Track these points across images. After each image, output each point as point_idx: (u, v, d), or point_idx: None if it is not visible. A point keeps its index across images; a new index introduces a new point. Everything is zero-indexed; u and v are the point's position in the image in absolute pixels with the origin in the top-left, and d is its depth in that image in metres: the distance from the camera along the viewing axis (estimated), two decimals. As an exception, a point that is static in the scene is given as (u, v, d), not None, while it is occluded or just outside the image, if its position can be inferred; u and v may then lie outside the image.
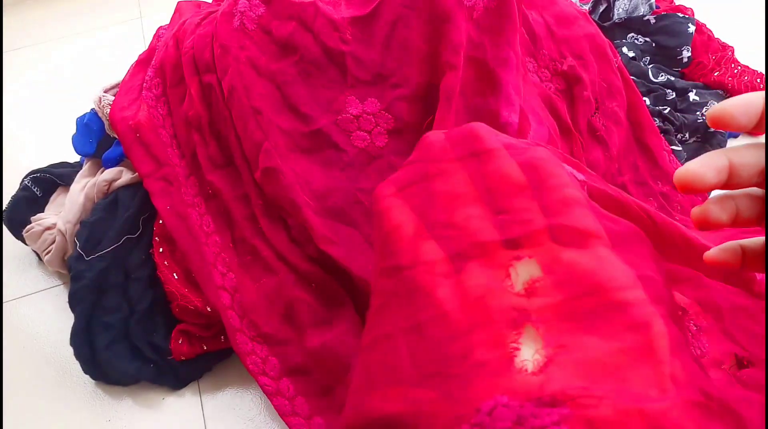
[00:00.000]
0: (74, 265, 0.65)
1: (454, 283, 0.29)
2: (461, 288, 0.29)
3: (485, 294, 0.28)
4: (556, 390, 0.24)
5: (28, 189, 0.76)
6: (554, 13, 0.73)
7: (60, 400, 0.63)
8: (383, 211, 0.35)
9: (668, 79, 0.87)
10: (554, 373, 0.25)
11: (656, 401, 0.24)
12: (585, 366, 0.25)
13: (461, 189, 0.33)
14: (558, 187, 0.32)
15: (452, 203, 0.33)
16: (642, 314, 0.26)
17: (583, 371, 0.25)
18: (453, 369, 0.27)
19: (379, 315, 0.32)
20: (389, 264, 0.32)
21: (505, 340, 0.27)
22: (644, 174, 0.77)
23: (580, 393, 0.24)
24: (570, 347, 0.26)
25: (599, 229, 0.30)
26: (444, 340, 0.28)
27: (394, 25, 0.62)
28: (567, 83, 0.73)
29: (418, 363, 0.28)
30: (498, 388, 0.25)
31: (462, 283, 0.29)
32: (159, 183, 0.65)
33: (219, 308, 0.60)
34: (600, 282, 0.27)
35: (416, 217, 0.33)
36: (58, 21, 1.32)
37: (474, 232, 0.31)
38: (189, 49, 0.65)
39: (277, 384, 0.58)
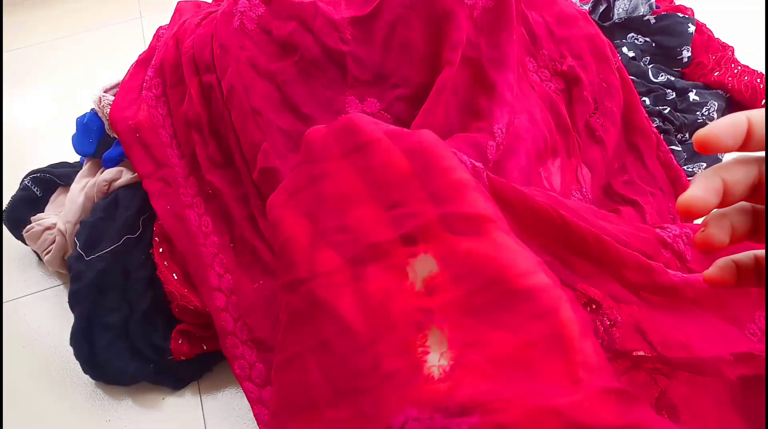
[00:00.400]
0: (74, 265, 0.65)
1: (355, 291, 0.28)
2: (362, 295, 0.28)
3: (386, 299, 0.27)
4: (465, 397, 0.24)
5: (28, 189, 0.76)
6: (554, 13, 0.73)
7: (60, 400, 0.63)
8: (277, 222, 0.34)
9: (668, 79, 0.87)
10: (462, 377, 0.24)
11: (568, 394, 0.23)
12: (493, 365, 0.24)
13: (350, 188, 0.32)
14: (445, 170, 0.30)
15: (343, 205, 0.32)
16: (547, 299, 0.25)
17: (492, 371, 0.24)
18: (364, 383, 0.26)
19: (287, 333, 0.31)
20: (289, 278, 0.31)
21: (413, 345, 0.26)
22: (632, 174, 0.77)
23: (488, 398, 0.23)
24: (476, 345, 0.25)
25: (494, 212, 0.29)
26: (352, 354, 0.27)
27: (394, 25, 0.62)
28: (566, 83, 0.73)
29: (331, 380, 0.28)
30: (407, 400, 0.25)
31: (362, 289, 0.28)
32: (158, 184, 0.65)
33: (212, 310, 0.60)
34: (500, 270, 0.26)
35: (309, 225, 0.32)
36: (58, 21, 1.32)
37: (367, 232, 0.30)
38: (189, 49, 0.65)
39: (260, 392, 0.58)
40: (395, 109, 0.62)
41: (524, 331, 0.25)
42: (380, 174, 0.32)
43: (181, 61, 0.66)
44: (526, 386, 0.23)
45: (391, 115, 0.62)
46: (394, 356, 0.26)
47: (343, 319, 0.28)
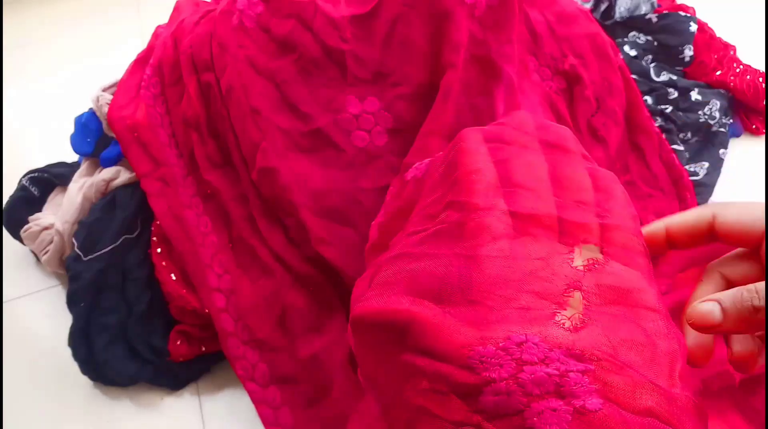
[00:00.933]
0: (72, 265, 0.65)
1: (520, 241, 0.31)
2: (525, 245, 0.30)
3: (547, 256, 0.30)
4: (586, 347, 0.26)
5: (26, 189, 0.75)
6: (555, 12, 0.73)
7: (58, 400, 0.63)
8: (467, 152, 0.36)
9: (670, 78, 0.86)
10: (587, 335, 0.26)
11: (668, 386, 0.26)
12: (616, 341, 0.27)
13: (540, 167, 0.35)
14: (624, 204, 0.34)
15: (531, 173, 0.34)
16: (668, 327, 0.28)
17: (613, 344, 0.27)
18: (495, 304, 0.28)
19: (435, 238, 0.33)
20: (461, 199, 0.33)
21: (554, 296, 0.28)
22: (635, 175, 0.76)
23: (607, 357, 0.25)
24: (605, 325, 0.27)
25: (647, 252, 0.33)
26: (497, 279, 0.29)
27: (394, 23, 0.61)
28: (567, 82, 0.72)
29: (464, 286, 0.29)
30: (532, 330, 0.26)
31: (527, 242, 0.30)
32: (156, 183, 0.65)
33: (212, 311, 0.59)
34: (637, 293, 0.29)
35: (497, 171, 0.34)
36: (57, 20, 1.32)
37: (549, 205, 0.33)
38: (187, 48, 0.65)
39: (264, 392, 0.58)
40: (395, 107, 0.62)
41: (647, 335, 0.28)
42: (566, 177, 0.35)
43: (180, 60, 0.65)
44: (639, 365, 0.26)
45: (391, 113, 0.62)
46: (533, 296, 0.28)
47: (503, 249, 0.30)
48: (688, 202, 0.75)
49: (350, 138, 0.61)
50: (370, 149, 0.61)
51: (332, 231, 0.58)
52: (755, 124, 0.86)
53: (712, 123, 0.83)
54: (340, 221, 0.59)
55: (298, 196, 0.58)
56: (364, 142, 0.61)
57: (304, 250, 0.60)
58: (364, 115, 0.62)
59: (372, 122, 0.62)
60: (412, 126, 0.62)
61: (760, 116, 0.87)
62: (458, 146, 0.37)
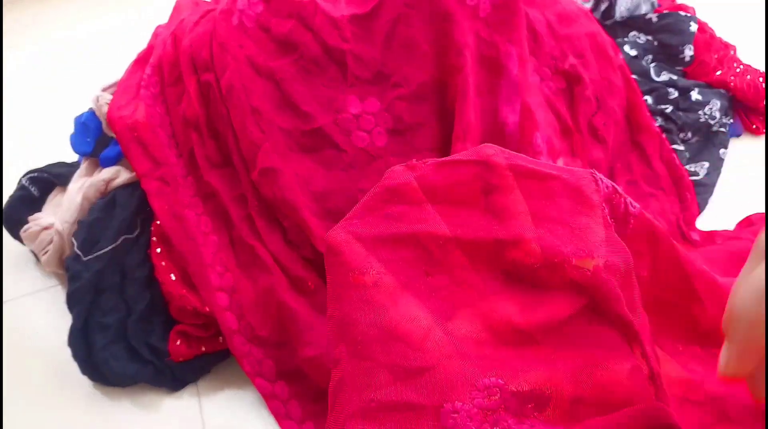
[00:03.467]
0: (71, 265, 0.65)
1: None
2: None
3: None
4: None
5: (26, 188, 0.75)
6: (556, 12, 0.73)
7: (58, 400, 0.63)
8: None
9: (670, 77, 0.86)
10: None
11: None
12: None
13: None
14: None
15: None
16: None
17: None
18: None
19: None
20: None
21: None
22: (637, 174, 0.76)
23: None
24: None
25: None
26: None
27: (395, 23, 0.61)
28: (567, 82, 0.72)
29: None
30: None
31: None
32: (156, 183, 0.65)
33: (215, 310, 0.59)
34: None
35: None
36: (57, 20, 1.32)
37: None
38: (187, 48, 0.65)
39: (273, 387, 0.58)
40: (396, 108, 0.62)
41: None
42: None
43: (179, 60, 0.65)
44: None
45: (391, 114, 0.62)
46: None
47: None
48: (688, 202, 0.75)
49: (350, 138, 0.61)
50: (371, 150, 0.61)
51: None
52: (755, 123, 0.86)
53: (713, 123, 0.83)
54: None
55: (299, 197, 0.58)
56: (364, 143, 0.61)
57: (303, 252, 0.60)
58: (364, 116, 0.61)
59: (372, 123, 0.62)
60: (412, 127, 0.62)
61: (760, 116, 0.87)
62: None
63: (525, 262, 0.37)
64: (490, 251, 0.38)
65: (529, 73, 0.64)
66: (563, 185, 0.39)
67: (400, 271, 0.37)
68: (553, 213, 0.38)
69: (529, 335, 0.35)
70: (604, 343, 0.35)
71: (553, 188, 0.39)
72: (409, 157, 0.61)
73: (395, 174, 0.41)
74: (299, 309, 0.57)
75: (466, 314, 0.36)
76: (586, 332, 0.35)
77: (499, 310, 0.36)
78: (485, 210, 0.39)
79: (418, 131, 0.62)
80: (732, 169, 0.82)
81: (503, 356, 0.34)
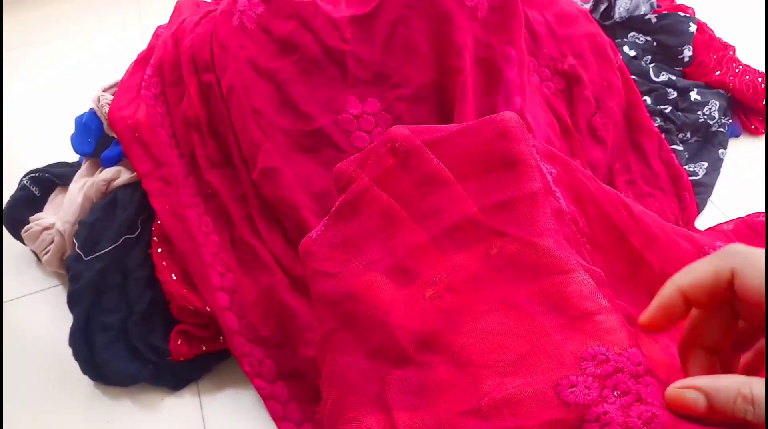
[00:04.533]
0: (73, 265, 0.65)
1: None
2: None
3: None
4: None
5: (27, 189, 0.75)
6: (555, 12, 0.73)
7: (59, 400, 0.63)
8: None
9: (669, 78, 0.86)
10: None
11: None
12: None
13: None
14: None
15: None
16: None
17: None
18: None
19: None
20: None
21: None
22: (636, 174, 0.77)
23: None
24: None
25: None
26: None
27: (395, 24, 0.61)
28: (567, 83, 0.72)
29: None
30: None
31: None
32: (157, 183, 0.65)
33: (216, 310, 0.60)
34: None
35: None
36: (58, 20, 1.32)
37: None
38: (188, 48, 0.65)
39: (272, 387, 0.58)
40: (395, 109, 0.62)
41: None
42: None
43: (180, 60, 0.65)
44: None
45: (391, 115, 0.62)
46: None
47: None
48: (686, 201, 0.75)
49: (350, 139, 0.61)
50: (371, 150, 0.61)
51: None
52: (754, 124, 0.87)
53: (712, 123, 0.83)
54: None
55: (299, 197, 0.59)
56: (364, 143, 0.61)
57: (303, 251, 0.60)
58: (364, 116, 0.62)
59: (372, 123, 0.62)
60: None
61: (759, 116, 0.87)
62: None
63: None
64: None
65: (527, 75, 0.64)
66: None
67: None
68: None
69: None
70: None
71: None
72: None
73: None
74: (299, 308, 0.57)
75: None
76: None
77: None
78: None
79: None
80: (731, 169, 0.82)
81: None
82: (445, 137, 0.41)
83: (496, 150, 0.39)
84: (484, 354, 0.34)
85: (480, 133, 0.41)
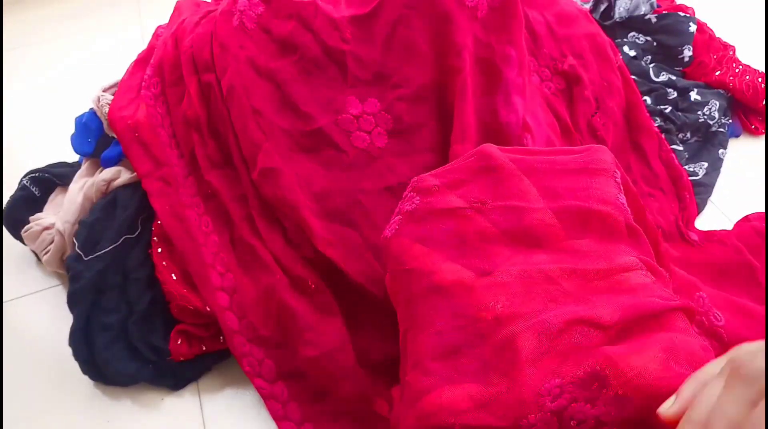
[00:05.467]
0: (73, 265, 0.65)
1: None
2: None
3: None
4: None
5: (27, 189, 0.75)
6: (555, 13, 0.73)
7: (59, 400, 0.63)
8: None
9: (669, 78, 0.86)
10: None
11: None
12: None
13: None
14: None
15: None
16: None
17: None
18: None
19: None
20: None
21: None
22: (636, 174, 0.77)
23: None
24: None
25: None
26: None
27: (395, 24, 0.61)
28: (567, 83, 0.72)
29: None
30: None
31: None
32: (157, 183, 0.65)
33: (216, 310, 0.60)
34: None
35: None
36: (58, 20, 1.32)
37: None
38: (188, 48, 0.65)
39: (272, 387, 0.58)
40: (395, 109, 0.62)
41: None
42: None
43: (180, 61, 0.65)
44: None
45: (391, 115, 0.62)
46: None
47: None
48: (686, 201, 0.75)
49: (350, 139, 0.61)
50: (371, 150, 0.61)
51: (335, 232, 0.59)
52: (754, 124, 0.87)
53: (711, 123, 0.83)
54: (343, 222, 0.59)
55: (299, 197, 0.59)
56: (364, 143, 0.61)
57: (303, 252, 0.60)
58: (364, 116, 0.62)
59: (372, 123, 0.62)
60: (412, 127, 0.62)
61: (759, 116, 0.87)
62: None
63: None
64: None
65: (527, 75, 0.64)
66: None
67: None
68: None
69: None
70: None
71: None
72: (409, 157, 0.61)
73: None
74: (299, 308, 0.57)
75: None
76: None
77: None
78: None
79: (418, 132, 0.62)
80: (731, 169, 0.82)
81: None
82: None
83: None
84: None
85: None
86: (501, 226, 0.43)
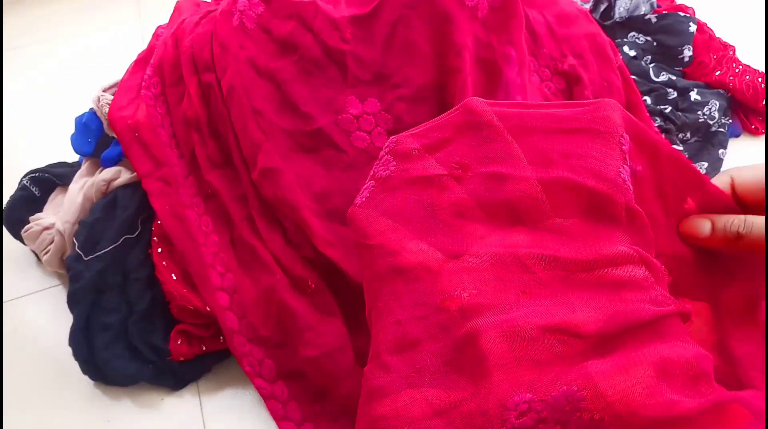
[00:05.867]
0: (73, 265, 0.65)
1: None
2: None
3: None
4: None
5: (27, 189, 0.75)
6: (555, 12, 0.73)
7: (58, 400, 0.63)
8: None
9: (669, 78, 0.86)
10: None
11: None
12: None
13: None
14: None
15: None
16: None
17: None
18: None
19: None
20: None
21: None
22: None
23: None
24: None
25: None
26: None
27: (395, 24, 0.61)
28: (567, 83, 0.72)
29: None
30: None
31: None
32: (157, 183, 0.65)
33: (216, 310, 0.60)
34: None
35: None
36: (57, 20, 1.32)
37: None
38: (188, 48, 0.65)
39: (272, 387, 0.58)
40: (396, 109, 0.62)
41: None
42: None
43: (180, 61, 0.66)
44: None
45: (391, 115, 0.62)
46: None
47: None
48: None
49: (350, 139, 0.61)
50: (371, 150, 0.61)
51: (335, 232, 0.59)
52: (755, 124, 0.87)
53: (712, 123, 0.83)
54: (343, 222, 0.59)
55: (299, 197, 0.59)
56: (364, 143, 0.61)
57: (303, 252, 0.60)
58: (364, 116, 0.62)
59: (372, 123, 0.62)
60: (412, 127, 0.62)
61: (759, 116, 0.87)
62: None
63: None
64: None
65: (527, 75, 0.64)
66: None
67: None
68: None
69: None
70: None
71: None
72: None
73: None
74: (299, 309, 0.57)
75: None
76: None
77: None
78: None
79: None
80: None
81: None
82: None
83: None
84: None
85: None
86: (480, 197, 0.38)
